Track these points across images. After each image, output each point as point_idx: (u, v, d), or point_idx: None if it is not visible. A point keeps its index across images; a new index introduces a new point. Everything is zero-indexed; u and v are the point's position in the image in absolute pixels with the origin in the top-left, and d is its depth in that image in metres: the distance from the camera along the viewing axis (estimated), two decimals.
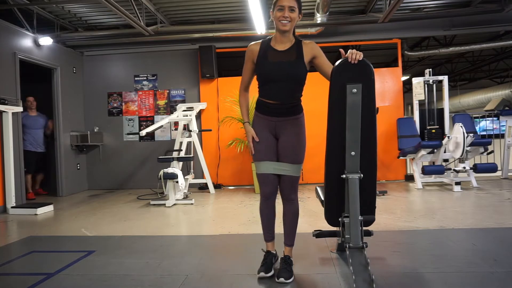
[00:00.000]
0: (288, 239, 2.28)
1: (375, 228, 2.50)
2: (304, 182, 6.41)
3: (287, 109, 2.15)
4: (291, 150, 2.16)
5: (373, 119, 2.02)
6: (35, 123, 5.87)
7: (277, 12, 2.02)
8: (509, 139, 5.91)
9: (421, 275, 2.17)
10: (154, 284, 2.20)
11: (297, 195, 2.28)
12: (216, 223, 3.78)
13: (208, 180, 5.87)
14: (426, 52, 7.57)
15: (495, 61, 11.47)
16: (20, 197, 5.07)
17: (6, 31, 5.06)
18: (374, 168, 2.08)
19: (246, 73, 2.24)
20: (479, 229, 3.12)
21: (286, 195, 2.24)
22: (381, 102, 6.32)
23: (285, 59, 2.08)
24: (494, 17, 5.97)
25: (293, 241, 2.29)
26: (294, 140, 2.16)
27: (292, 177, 2.19)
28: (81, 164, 6.62)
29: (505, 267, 2.22)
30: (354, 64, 1.92)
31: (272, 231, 2.30)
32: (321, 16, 5.55)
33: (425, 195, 4.89)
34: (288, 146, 2.16)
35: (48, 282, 2.28)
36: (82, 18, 5.96)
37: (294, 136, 2.16)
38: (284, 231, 2.29)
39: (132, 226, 3.80)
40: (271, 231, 2.30)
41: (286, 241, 2.29)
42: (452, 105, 14.28)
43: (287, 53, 2.09)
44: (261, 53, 2.12)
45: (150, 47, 6.66)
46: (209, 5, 5.60)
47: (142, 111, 6.74)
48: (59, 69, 6.10)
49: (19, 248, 3.12)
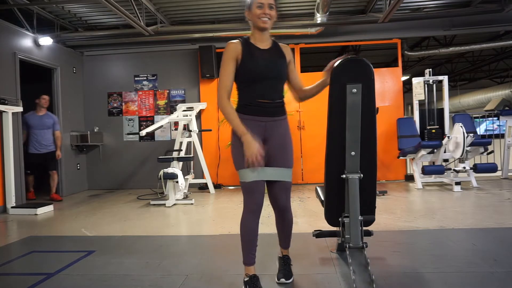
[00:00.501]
0: (286, 243, 2.22)
1: (375, 228, 2.50)
2: (304, 182, 6.42)
3: (277, 108, 2.03)
4: (285, 152, 2.02)
5: (373, 119, 2.02)
6: (39, 123, 5.47)
7: (257, 10, 1.95)
8: (509, 139, 5.91)
9: (421, 275, 2.17)
10: (154, 284, 2.20)
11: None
12: (216, 223, 3.78)
13: (208, 180, 5.87)
14: (426, 52, 7.57)
15: (495, 61, 11.47)
16: (20, 197, 5.07)
17: (6, 31, 5.06)
18: (374, 168, 2.08)
19: (229, 76, 1.97)
20: (479, 229, 3.12)
21: (283, 204, 2.05)
22: (381, 102, 6.32)
23: (272, 56, 2.02)
24: (494, 17, 5.97)
25: (289, 243, 2.24)
26: (286, 142, 2.04)
27: (288, 183, 2.04)
28: (81, 164, 6.62)
29: (505, 267, 2.22)
30: (354, 64, 1.92)
31: (255, 251, 2.04)
32: (321, 16, 5.55)
33: (425, 195, 4.89)
34: (282, 148, 2.02)
35: (48, 282, 2.28)
36: (82, 18, 5.96)
37: (285, 137, 2.04)
38: (282, 238, 2.21)
39: (132, 226, 3.80)
40: (255, 251, 2.03)
41: (284, 245, 2.23)
42: (452, 105, 14.28)
43: (272, 52, 2.04)
44: (246, 51, 1.99)
45: (150, 47, 6.66)
46: (209, 5, 5.60)
47: (142, 111, 6.74)
48: (59, 69, 6.10)
49: (19, 248, 3.12)
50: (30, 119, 5.45)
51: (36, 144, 5.45)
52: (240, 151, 1.92)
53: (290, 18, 6.11)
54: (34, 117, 5.48)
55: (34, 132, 5.44)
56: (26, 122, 5.40)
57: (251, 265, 2.02)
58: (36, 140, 5.45)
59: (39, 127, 5.46)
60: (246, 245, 2.01)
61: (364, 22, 5.93)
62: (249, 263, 2.02)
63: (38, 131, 5.45)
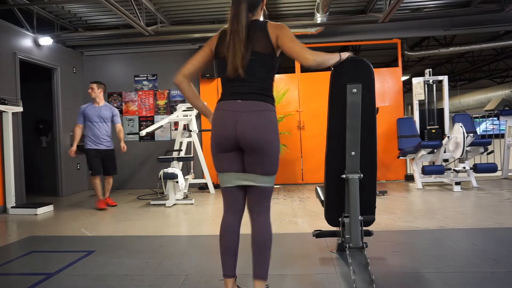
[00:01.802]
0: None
1: (375, 228, 2.50)
2: (304, 182, 6.42)
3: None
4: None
5: (373, 119, 2.02)
6: (96, 114, 4.81)
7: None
8: (509, 139, 5.91)
9: (421, 275, 2.17)
10: (154, 284, 2.20)
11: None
12: (216, 223, 3.78)
13: (208, 180, 5.87)
14: (426, 52, 7.57)
15: (495, 61, 11.46)
16: (20, 197, 5.07)
17: (6, 31, 5.06)
18: (374, 168, 2.08)
19: None
20: (479, 229, 3.12)
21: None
22: (381, 102, 6.32)
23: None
24: (494, 17, 5.97)
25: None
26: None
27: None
28: (81, 164, 6.62)
29: (505, 267, 2.22)
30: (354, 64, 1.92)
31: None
32: (321, 16, 5.55)
33: (425, 195, 4.89)
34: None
35: (48, 282, 2.28)
36: (82, 18, 5.96)
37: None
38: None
39: (132, 226, 3.80)
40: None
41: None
42: (452, 105, 14.28)
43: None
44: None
45: (150, 47, 6.66)
46: (209, 5, 5.60)
47: (142, 111, 6.74)
48: (59, 69, 6.10)
49: (19, 248, 3.12)
50: (87, 110, 4.83)
51: (93, 139, 4.81)
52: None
53: (290, 18, 6.11)
54: (90, 108, 4.84)
55: (90, 124, 4.82)
56: (83, 114, 4.83)
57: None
58: (93, 134, 4.81)
59: (95, 119, 4.82)
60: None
61: (364, 22, 5.94)
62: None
63: (95, 124, 4.82)
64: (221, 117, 1.75)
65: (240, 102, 1.72)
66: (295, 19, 6.05)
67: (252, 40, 1.71)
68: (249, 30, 1.73)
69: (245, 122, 1.70)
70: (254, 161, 1.74)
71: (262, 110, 1.72)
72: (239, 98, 1.73)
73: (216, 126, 1.76)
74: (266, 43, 1.72)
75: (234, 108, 1.72)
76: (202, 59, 1.86)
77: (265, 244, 1.77)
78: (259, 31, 1.73)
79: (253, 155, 1.73)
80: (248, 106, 1.71)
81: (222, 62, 1.77)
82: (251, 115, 1.70)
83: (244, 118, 1.70)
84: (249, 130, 1.69)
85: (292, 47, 1.70)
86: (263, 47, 1.72)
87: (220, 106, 1.78)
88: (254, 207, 1.81)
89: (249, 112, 1.71)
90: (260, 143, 1.70)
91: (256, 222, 1.80)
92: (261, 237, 1.78)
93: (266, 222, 1.80)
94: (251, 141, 1.69)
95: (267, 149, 1.71)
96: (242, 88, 1.73)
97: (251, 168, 1.76)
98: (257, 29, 1.74)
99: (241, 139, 1.71)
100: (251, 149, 1.72)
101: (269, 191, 1.80)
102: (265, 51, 1.72)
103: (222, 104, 1.77)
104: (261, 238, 1.77)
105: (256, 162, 1.74)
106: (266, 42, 1.72)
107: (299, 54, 1.69)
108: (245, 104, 1.71)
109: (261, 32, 1.73)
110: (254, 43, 1.71)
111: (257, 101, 1.72)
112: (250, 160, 1.75)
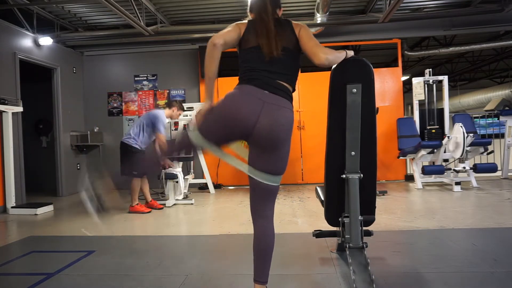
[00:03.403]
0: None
1: (375, 228, 2.50)
2: (304, 182, 6.42)
3: None
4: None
5: (373, 119, 2.02)
6: (141, 119, 4.61)
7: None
8: (509, 139, 5.91)
9: (421, 275, 2.17)
10: (154, 284, 2.20)
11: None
12: (216, 223, 3.78)
13: (208, 180, 5.87)
14: (426, 52, 7.57)
15: (495, 61, 11.46)
16: (20, 197, 5.07)
17: (6, 31, 5.06)
18: (374, 168, 2.08)
19: None
20: (479, 229, 3.11)
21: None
22: (381, 102, 6.32)
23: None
24: (494, 17, 5.97)
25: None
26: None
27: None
28: (81, 164, 6.62)
29: (505, 267, 2.22)
30: (354, 64, 1.91)
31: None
32: (321, 16, 5.54)
33: (425, 195, 4.89)
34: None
35: (48, 282, 2.28)
36: (82, 18, 5.96)
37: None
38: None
39: (132, 226, 3.80)
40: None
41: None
42: (452, 105, 14.26)
43: None
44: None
45: (150, 47, 6.66)
46: (209, 5, 5.60)
47: (142, 111, 6.74)
48: (59, 69, 6.10)
49: (19, 248, 3.12)
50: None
51: (138, 140, 4.51)
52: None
53: (290, 18, 6.08)
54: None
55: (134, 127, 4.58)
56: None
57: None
58: (137, 136, 4.49)
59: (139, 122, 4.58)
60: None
61: (364, 22, 5.93)
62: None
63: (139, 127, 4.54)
64: (244, 100, 1.62)
65: (267, 94, 1.62)
66: (295, 19, 6.02)
67: (281, 36, 1.70)
68: (275, 27, 1.72)
69: (272, 116, 1.60)
70: (264, 157, 1.65)
71: (289, 108, 1.67)
72: (267, 90, 1.63)
73: (232, 106, 1.63)
74: (293, 40, 1.72)
75: (261, 96, 1.61)
76: (233, 38, 1.71)
77: (269, 249, 1.73)
78: (286, 28, 1.74)
79: (265, 152, 1.64)
80: (277, 100, 1.63)
81: (249, 50, 1.71)
82: (280, 111, 1.62)
83: (272, 111, 1.60)
84: (275, 125, 1.59)
85: (312, 46, 1.69)
86: (292, 44, 1.72)
87: (245, 89, 1.65)
88: (259, 208, 1.74)
89: (278, 106, 1.62)
90: (280, 141, 1.63)
91: (261, 225, 1.74)
92: (265, 241, 1.72)
93: (270, 226, 1.75)
94: (271, 136, 1.60)
95: (283, 148, 1.66)
96: (270, 81, 1.65)
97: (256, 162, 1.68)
98: (284, 26, 1.75)
99: (260, 130, 1.59)
100: (265, 144, 1.62)
101: (275, 191, 1.74)
102: (293, 48, 1.73)
103: (248, 88, 1.64)
104: (265, 242, 1.72)
105: (266, 159, 1.65)
106: (293, 39, 1.72)
107: (315, 53, 1.67)
108: (274, 97, 1.63)
109: (288, 29, 1.74)
110: (283, 39, 1.70)
111: (285, 99, 1.66)
112: (260, 155, 1.66)
